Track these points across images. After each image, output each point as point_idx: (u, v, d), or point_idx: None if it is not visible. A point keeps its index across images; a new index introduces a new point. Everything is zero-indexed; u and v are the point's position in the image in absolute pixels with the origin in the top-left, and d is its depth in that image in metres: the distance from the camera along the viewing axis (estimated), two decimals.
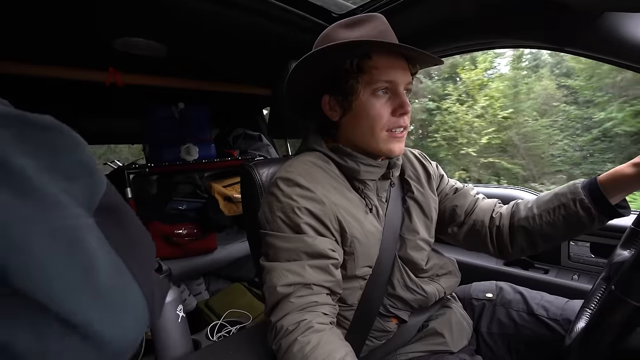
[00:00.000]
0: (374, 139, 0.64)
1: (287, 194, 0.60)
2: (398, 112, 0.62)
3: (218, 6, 0.82)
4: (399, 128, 0.63)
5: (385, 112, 0.62)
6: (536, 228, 0.69)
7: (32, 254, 0.19)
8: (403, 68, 0.63)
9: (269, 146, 2.01)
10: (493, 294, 0.82)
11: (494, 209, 0.76)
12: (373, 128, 0.63)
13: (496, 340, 0.76)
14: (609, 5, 0.61)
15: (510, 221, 0.73)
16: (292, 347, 0.51)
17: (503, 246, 0.74)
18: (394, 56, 0.62)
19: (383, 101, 0.62)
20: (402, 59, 0.63)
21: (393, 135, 0.63)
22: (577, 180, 0.66)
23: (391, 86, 0.62)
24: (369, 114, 0.63)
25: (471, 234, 0.77)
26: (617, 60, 0.68)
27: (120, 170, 1.42)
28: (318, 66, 0.64)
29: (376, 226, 0.67)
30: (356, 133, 0.66)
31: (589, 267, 1.03)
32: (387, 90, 0.63)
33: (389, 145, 0.64)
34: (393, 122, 0.63)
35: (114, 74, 1.19)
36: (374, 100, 0.62)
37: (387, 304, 0.68)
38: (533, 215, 0.69)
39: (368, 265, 0.66)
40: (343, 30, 0.64)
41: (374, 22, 0.64)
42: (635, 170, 0.59)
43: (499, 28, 0.81)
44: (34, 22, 0.85)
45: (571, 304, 0.74)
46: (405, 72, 0.64)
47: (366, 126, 0.63)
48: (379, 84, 0.61)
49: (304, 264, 0.57)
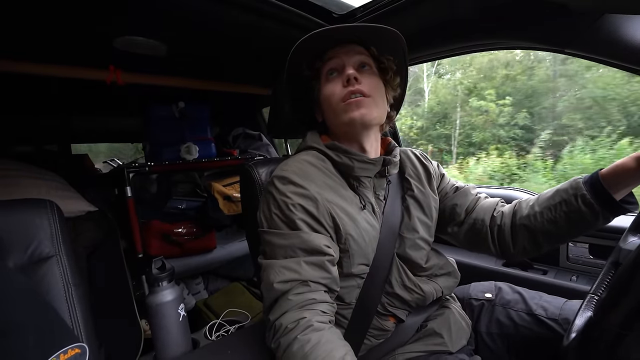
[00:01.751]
0: (336, 117, 0.68)
1: (282, 192, 0.62)
2: (345, 83, 0.66)
3: (219, 5, 0.83)
4: (352, 95, 0.65)
5: (337, 88, 0.67)
6: (538, 226, 0.67)
7: None
8: (353, 51, 0.69)
9: (268, 146, 2.01)
10: (492, 294, 0.82)
11: (496, 208, 0.75)
12: (331, 106, 0.68)
13: (495, 340, 0.76)
14: (608, 7, 0.61)
15: (512, 220, 0.71)
16: (292, 346, 0.51)
17: (505, 246, 0.72)
18: (340, 45, 0.69)
19: (334, 82, 0.68)
20: (352, 44, 0.69)
21: (349, 104, 0.65)
22: (579, 176, 0.64)
23: (338, 66, 0.68)
24: (325, 96, 0.69)
25: (471, 233, 0.76)
26: (616, 62, 0.68)
27: (120, 169, 1.42)
28: (294, 81, 0.73)
29: (373, 224, 0.67)
30: (329, 121, 0.72)
31: (588, 268, 1.03)
32: (335, 70, 0.69)
33: (348, 114, 0.65)
34: (344, 92, 0.66)
35: (115, 72, 1.19)
36: (327, 84, 0.69)
37: (385, 303, 0.68)
38: (534, 213, 0.67)
39: (365, 264, 0.66)
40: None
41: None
42: (638, 163, 0.56)
43: (499, 29, 0.81)
44: (35, 21, 0.85)
45: (570, 304, 0.74)
46: (354, 53, 0.69)
47: (327, 107, 0.69)
48: (327, 67, 0.69)
49: (300, 261, 0.57)
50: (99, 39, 0.98)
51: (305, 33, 0.63)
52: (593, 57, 0.71)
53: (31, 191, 1.16)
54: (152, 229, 1.52)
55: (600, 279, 0.60)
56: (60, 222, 0.63)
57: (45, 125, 1.74)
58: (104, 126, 2.04)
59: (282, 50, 1.11)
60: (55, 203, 0.64)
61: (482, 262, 1.21)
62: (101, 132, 2.13)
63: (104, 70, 1.18)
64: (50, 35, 0.94)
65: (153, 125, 1.58)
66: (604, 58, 0.69)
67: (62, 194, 1.26)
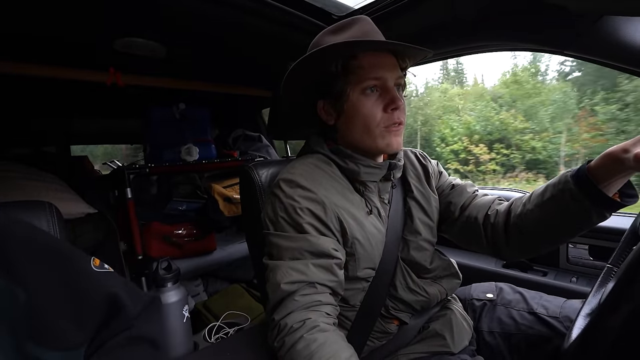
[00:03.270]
0: (370, 138, 0.64)
1: (290, 195, 0.61)
2: (390, 108, 0.62)
3: (218, 8, 0.83)
4: (393, 124, 0.63)
5: (377, 110, 0.63)
6: (530, 226, 0.63)
7: None
8: (390, 63, 0.63)
9: (268, 147, 2.01)
10: (493, 294, 0.82)
11: (491, 206, 0.71)
12: (367, 127, 0.63)
13: (497, 339, 0.76)
14: (607, 9, 0.61)
15: (506, 219, 0.67)
16: (297, 345, 0.50)
17: (498, 245, 0.69)
18: (380, 54, 0.62)
19: (373, 99, 0.63)
20: (389, 55, 0.64)
21: (389, 131, 0.63)
22: (570, 169, 0.58)
23: (379, 83, 0.62)
24: (361, 114, 0.63)
25: (465, 231, 0.74)
26: (616, 63, 0.69)
27: (120, 170, 1.42)
28: (307, 74, 0.65)
29: (379, 228, 0.67)
30: (353, 134, 0.66)
31: (588, 269, 1.03)
32: (376, 87, 0.63)
33: (386, 140, 0.64)
34: (387, 118, 0.63)
35: (115, 74, 1.19)
36: (364, 100, 0.63)
37: (389, 306, 0.68)
38: (526, 212, 0.63)
39: (371, 267, 0.66)
40: (330, 35, 0.65)
41: (359, 23, 0.65)
42: (626, 155, 0.49)
43: (499, 30, 0.81)
44: (36, 22, 0.85)
45: (570, 303, 0.74)
46: (393, 67, 0.64)
47: (361, 126, 0.64)
48: (367, 82, 0.62)
49: (307, 263, 0.57)
50: (99, 40, 0.99)
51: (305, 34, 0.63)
52: (592, 58, 0.71)
53: (30, 193, 1.16)
54: (152, 231, 1.52)
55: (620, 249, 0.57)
56: (59, 224, 0.62)
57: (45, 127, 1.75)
58: (104, 128, 2.04)
59: (282, 52, 1.12)
60: (54, 205, 0.64)
61: (482, 263, 1.21)
62: (101, 134, 2.13)
63: (104, 72, 1.18)
64: (51, 37, 0.94)
65: (153, 126, 1.58)
66: (603, 59, 0.69)
67: (61, 195, 1.25)
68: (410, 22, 0.90)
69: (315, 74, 0.65)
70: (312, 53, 0.61)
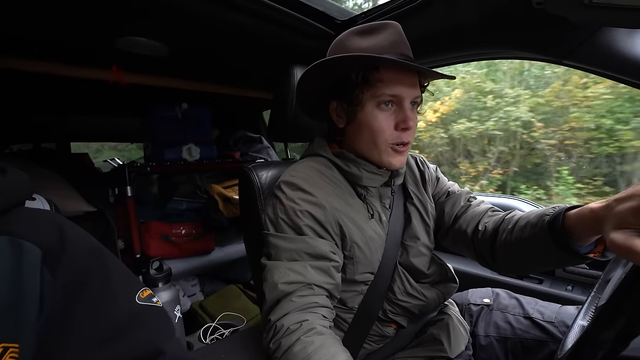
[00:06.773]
0: (375, 151, 0.64)
1: (290, 197, 0.62)
2: (400, 127, 0.62)
3: (222, 9, 0.83)
4: (400, 144, 0.63)
5: (388, 126, 0.62)
6: (514, 254, 0.62)
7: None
8: (411, 82, 0.62)
9: (269, 148, 2.01)
10: (490, 299, 0.83)
11: (481, 220, 0.70)
12: (375, 140, 0.63)
13: (493, 343, 0.76)
14: (607, 21, 0.62)
15: (493, 239, 0.65)
16: (294, 347, 0.50)
17: (487, 261, 0.69)
18: (402, 69, 0.61)
19: (387, 114, 0.62)
20: (412, 72, 0.62)
21: (394, 149, 0.64)
22: (549, 209, 0.55)
23: (396, 100, 0.62)
24: (371, 126, 0.63)
25: (456, 241, 0.75)
26: (614, 75, 0.69)
27: (121, 168, 1.42)
28: (326, 74, 0.65)
29: (379, 233, 0.68)
30: (359, 142, 0.66)
31: (583, 278, 1.03)
32: (391, 103, 0.62)
33: (389, 158, 0.64)
34: (395, 136, 0.63)
35: (117, 72, 1.20)
36: (378, 113, 0.62)
37: (387, 309, 0.69)
38: (510, 241, 0.61)
39: (369, 272, 0.66)
40: (356, 38, 0.64)
41: (387, 31, 0.63)
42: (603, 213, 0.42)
43: (499, 39, 0.82)
44: (38, 20, 0.85)
45: (565, 309, 0.75)
46: (413, 86, 0.63)
47: (368, 137, 0.64)
48: (384, 97, 0.61)
49: (305, 264, 0.57)
50: (101, 39, 0.99)
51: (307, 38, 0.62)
52: (591, 69, 0.72)
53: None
54: (151, 229, 1.51)
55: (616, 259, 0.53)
56: None
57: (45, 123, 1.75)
58: (104, 125, 2.04)
59: (284, 55, 1.12)
60: (53, 202, 0.64)
61: (479, 270, 1.21)
62: (101, 132, 2.13)
63: (107, 70, 1.18)
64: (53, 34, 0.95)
65: (155, 125, 1.58)
66: (602, 70, 0.70)
67: (60, 192, 1.25)
68: (410, 28, 0.90)
69: (334, 76, 0.65)
70: (333, 59, 0.60)
